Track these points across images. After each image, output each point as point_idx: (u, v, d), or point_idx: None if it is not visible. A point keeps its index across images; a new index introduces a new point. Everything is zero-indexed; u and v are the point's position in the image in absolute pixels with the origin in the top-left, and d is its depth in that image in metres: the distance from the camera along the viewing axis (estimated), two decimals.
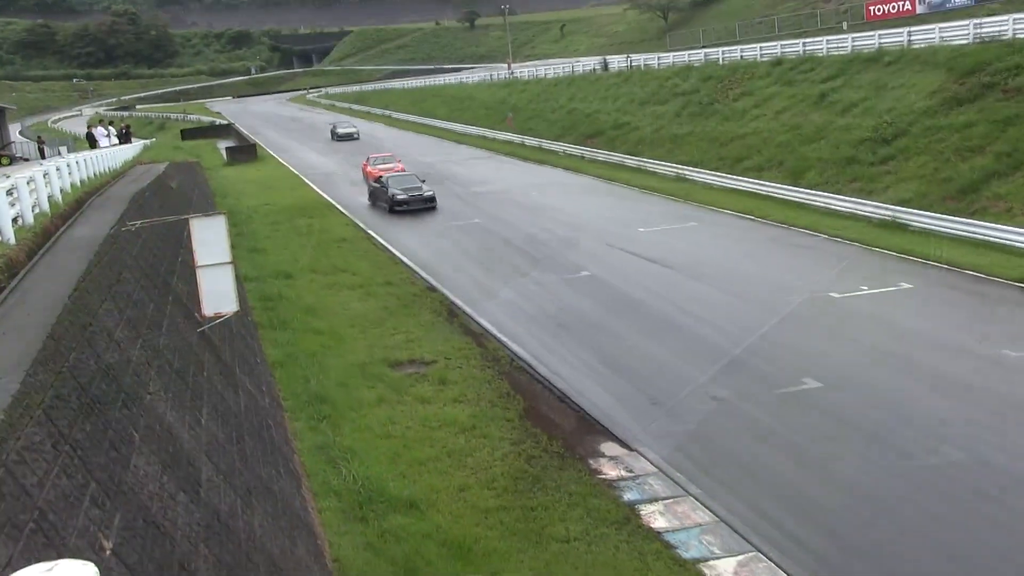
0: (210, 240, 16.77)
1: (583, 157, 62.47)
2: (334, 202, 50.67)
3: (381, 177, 48.62)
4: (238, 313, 18.64)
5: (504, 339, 25.41)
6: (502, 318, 27.23)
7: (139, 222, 19.00)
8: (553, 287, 30.27)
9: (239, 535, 10.00)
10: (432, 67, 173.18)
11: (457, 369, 23.01)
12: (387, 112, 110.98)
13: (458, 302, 29.34)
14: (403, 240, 38.97)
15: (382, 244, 39.16)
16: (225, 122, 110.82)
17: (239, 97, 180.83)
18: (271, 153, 78.12)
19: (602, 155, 61.09)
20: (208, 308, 17.07)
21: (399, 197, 45.27)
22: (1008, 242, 31.50)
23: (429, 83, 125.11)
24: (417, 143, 78.62)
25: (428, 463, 17.76)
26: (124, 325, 12.04)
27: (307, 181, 59.56)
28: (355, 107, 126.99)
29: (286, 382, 21.76)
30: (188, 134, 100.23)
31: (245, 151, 78.30)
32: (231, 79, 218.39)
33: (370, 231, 41.88)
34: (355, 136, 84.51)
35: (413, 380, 22.39)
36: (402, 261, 35.62)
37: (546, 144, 68.91)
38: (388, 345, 25.03)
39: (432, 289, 31.21)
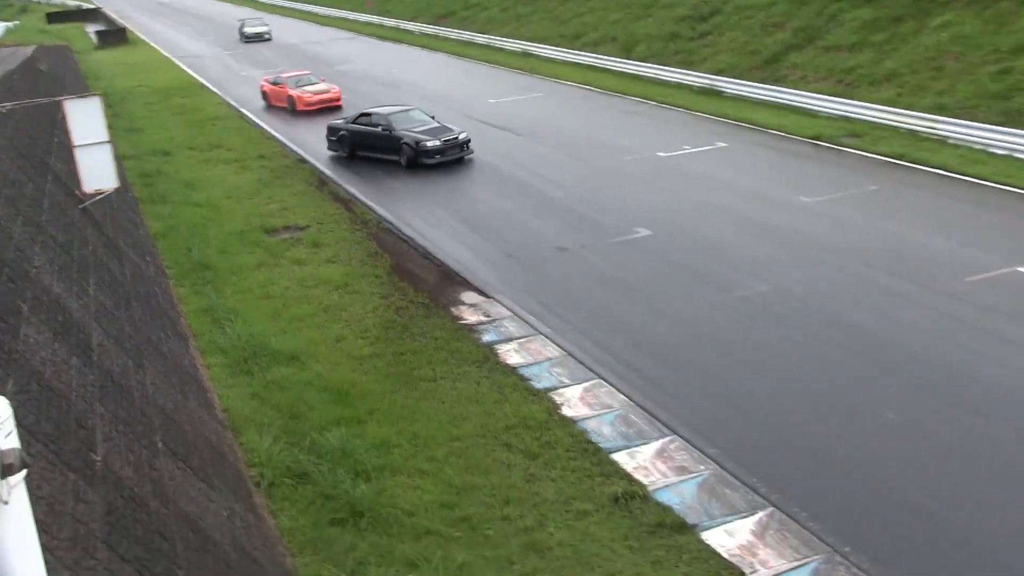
0: (86, 121, 15.79)
1: (437, 36, 61.15)
2: (206, 82, 48.34)
3: (370, 115, 29.39)
4: (118, 189, 17.75)
5: (370, 204, 24.92)
6: (366, 184, 26.67)
7: (10, 104, 17.74)
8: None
9: (133, 393, 9.63)
10: None
11: (329, 233, 22.51)
12: None
13: (327, 171, 28.62)
14: (273, 118, 37.59)
15: (253, 120, 37.70)
16: (92, 6, 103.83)
17: None
18: (142, 37, 73.75)
19: (454, 34, 59.90)
20: (88, 185, 16.20)
21: (429, 145, 27.59)
22: (804, 105, 32.34)
23: None
24: (284, 26, 75.49)
25: (306, 319, 17.42)
26: (2, 203, 11.27)
27: (179, 63, 56.64)
28: None
29: (169, 252, 20.97)
30: (54, 17, 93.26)
31: (115, 35, 73.01)
32: None
33: (242, 109, 40.21)
34: (266, 36, 64.70)
35: (288, 244, 21.82)
36: (274, 136, 34.42)
37: (403, 25, 67.19)
38: (264, 214, 24.27)
39: (303, 161, 30.31)
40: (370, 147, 29.02)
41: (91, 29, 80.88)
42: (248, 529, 9.34)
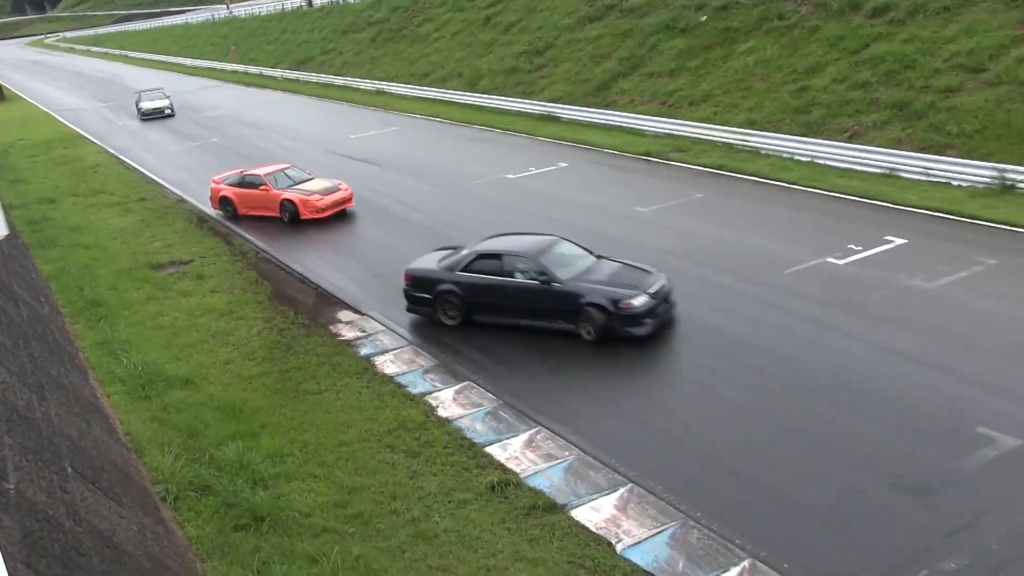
0: None
1: (298, 80, 60.61)
2: (85, 134, 46.67)
3: (498, 256, 16.65)
4: (8, 237, 17.19)
5: (248, 236, 24.61)
6: (245, 219, 26.31)
7: None
8: None
9: (39, 424, 9.41)
10: (159, 11, 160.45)
11: (212, 265, 22.19)
12: (124, 52, 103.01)
13: (206, 209, 28.06)
14: (151, 162, 36.62)
15: (133, 166, 36.55)
16: None
17: None
18: (18, 94, 70.83)
19: (314, 77, 59.55)
20: None
21: (636, 304, 15.41)
22: (633, 125, 33.38)
23: (159, 25, 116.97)
24: (155, 78, 73.46)
25: (196, 345, 17.20)
26: None
27: (57, 117, 54.55)
28: (94, 49, 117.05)
29: (62, 292, 20.33)
30: None
31: None
32: None
33: (122, 156, 38.97)
34: (167, 112, 49.32)
35: (175, 278, 21.41)
36: (153, 180, 33.48)
37: (266, 71, 66.35)
38: (149, 251, 23.74)
39: (182, 201, 29.65)
40: (510, 310, 16.58)
41: None
42: (159, 540, 9.25)
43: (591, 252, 17.20)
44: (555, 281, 15.92)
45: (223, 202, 26.74)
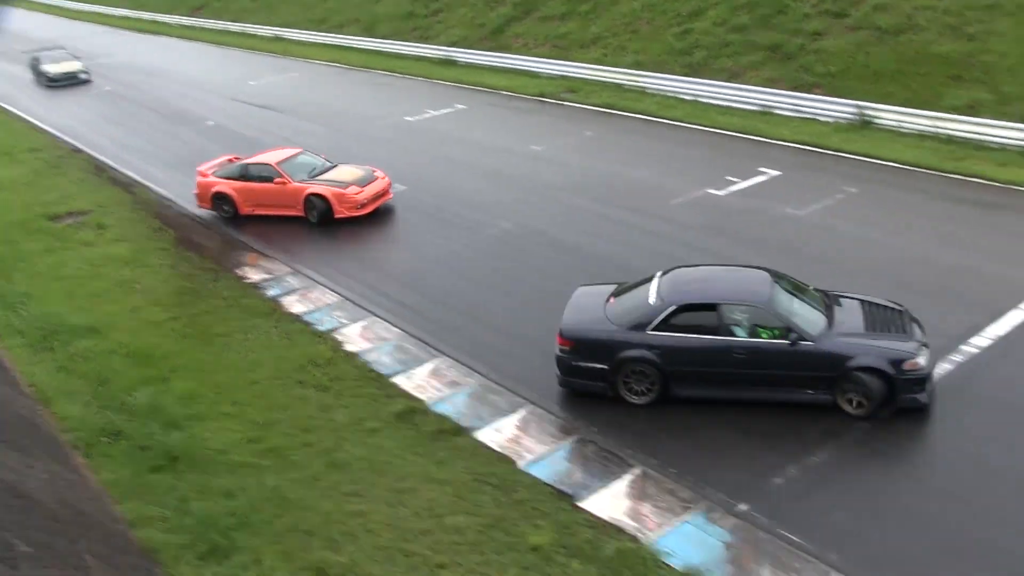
0: None
1: (194, 27, 58.28)
2: None
3: (716, 309, 11.21)
4: None
5: (149, 184, 23.73)
6: (145, 167, 25.32)
7: None
8: (185, 137, 28.47)
9: None
10: None
11: (112, 214, 21.32)
12: None
13: (103, 159, 26.94)
14: (40, 111, 34.83)
15: (19, 115, 34.60)
16: None
17: None
18: None
19: (210, 24, 57.32)
20: None
21: (921, 363, 10.88)
22: (527, 68, 33.33)
23: None
24: (32, 21, 69.25)
25: (101, 294, 16.61)
26: None
27: None
28: None
29: None
30: None
31: None
32: None
33: (5, 105, 36.72)
34: (82, 76, 40.33)
35: (74, 229, 20.53)
36: (44, 130, 31.81)
37: (160, 17, 63.44)
38: (44, 202, 22.54)
39: (77, 151, 28.31)
40: (733, 380, 11.41)
41: None
42: (72, 487, 9.07)
43: (803, 284, 12.19)
44: (806, 339, 11.02)
45: (218, 200, 20.46)
